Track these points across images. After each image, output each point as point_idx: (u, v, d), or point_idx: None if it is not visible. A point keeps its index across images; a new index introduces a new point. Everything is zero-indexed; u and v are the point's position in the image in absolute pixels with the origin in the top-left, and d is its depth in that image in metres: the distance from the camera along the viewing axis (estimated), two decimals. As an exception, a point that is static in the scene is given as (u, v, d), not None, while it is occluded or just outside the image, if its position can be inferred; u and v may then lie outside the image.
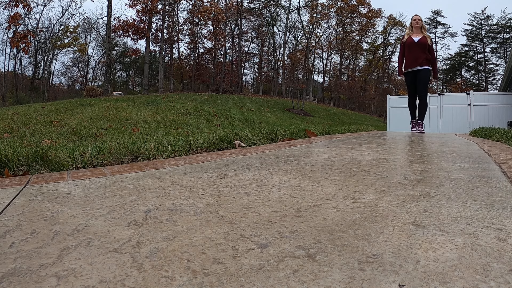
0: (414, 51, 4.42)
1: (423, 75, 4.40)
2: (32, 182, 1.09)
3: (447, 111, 9.78)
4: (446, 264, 0.47)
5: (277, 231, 0.61)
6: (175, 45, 33.49)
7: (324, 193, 0.88)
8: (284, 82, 31.87)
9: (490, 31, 34.88)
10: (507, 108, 9.43)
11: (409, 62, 4.50)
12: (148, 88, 27.04)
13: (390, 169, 1.24)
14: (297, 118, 16.29)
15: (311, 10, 33.14)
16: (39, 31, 28.14)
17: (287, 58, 34.20)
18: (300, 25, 35.18)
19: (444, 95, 10.23)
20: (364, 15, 35.37)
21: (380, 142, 2.48)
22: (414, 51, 4.42)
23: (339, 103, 35.72)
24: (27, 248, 0.56)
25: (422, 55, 4.39)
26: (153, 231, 0.63)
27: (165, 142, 2.00)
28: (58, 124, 5.93)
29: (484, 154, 1.69)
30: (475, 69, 37.55)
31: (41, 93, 27.97)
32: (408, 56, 4.48)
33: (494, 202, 0.76)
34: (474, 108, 9.62)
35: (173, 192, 0.92)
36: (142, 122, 6.92)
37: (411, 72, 4.52)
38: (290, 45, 36.78)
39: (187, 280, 0.45)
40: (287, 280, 0.44)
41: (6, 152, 1.38)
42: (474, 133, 3.69)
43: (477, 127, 4.57)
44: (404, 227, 0.62)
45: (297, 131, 3.21)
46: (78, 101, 11.30)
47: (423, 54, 4.39)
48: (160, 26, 27.55)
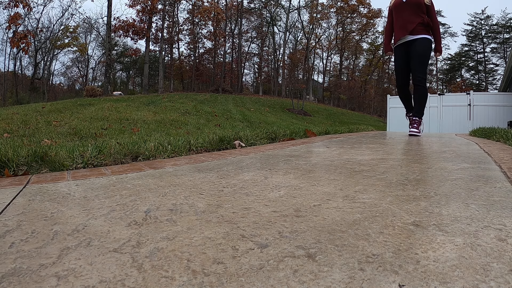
0: (403, 14, 3.04)
1: (418, 47, 3.00)
2: (32, 182, 1.09)
3: (447, 111, 9.78)
4: (446, 264, 0.47)
5: (277, 231, 0.61)
6: (175, 45, 33.50)
7: (324, 193, 0.88)
8: (284, 82, 31.86)
9: (490, 31, 34.87)
10: (507, 108, 9.42)
11: (398, 30, 3.11)
12: (148, 88, 27.04)
13: (390, 169, 1.24)
14: (297, 118, 16.28)
15: (311, 10, 33.13)
16: (39, 31, 28.13)
17: (287, 58, 34.20)
18: (300, 25, 35.18)
19: (444, 95, 10.23)
20: (364, 15, 35.36)
21: (380, 142, 2.48)
22: (403, 14, 3.04)
23: (339, 103, 35.72)
24: (27, 248, 0.56)
25: (416, 19, 2.98)
26: (153, 231, 0.63)
27: (165, 142, 2.00)
28: (58, 124, 5.93)
29: (484, 154, 1.69)
30: (475, 69, 37.53)
31: (41, 93, 27.97)
32: (396, 23, 3.13)
33: (494, 202, 0.76)
34: (474, 108, 9.62)
35: (173, 192, 0.92)
36: (142, 122, 6.92)
37: (401, 45, 3.12)
38: (290, 45, 36.78)
39: (187, 280, 0.45)
40: (287, 280, 0.44)
41: (6, 152, 1.38)
42: (474, 133, 3.69)
43: (477, 127, 4.55)
44: (404, 227, 0.62)
45: (297, 131, 3.21)
46: (78, 101, 11.30)
47: (417, 18, 2.99)
48: (160, 26, 27.54)
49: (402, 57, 3.15)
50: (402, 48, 3.14)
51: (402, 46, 3.14)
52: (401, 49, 3.15)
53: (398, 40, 3.16)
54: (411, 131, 3.16)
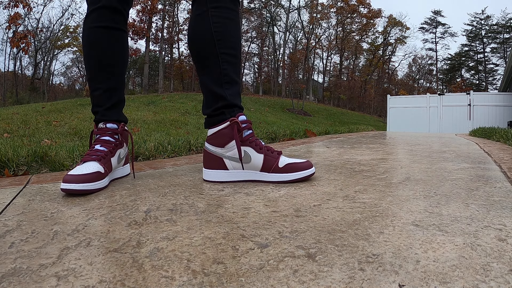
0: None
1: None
2: (32, 182, 1.09)
3: (447, 111, 9.79)
4: (446, 264, 0.47)
5: (277, 231, 0.61)
6: (175, 45, 33.50)
7: (324, 193, 0.88)
8: (284, 82, 31.87)
9: (490, 31, 34.88)
10: (507, 108, 9.43)
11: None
12: (148, 88, 27.04)
13: (390, 169, 1.24)
14: (297, 118, 16.29)
15: (311, 10, 33.14)
16: (39, 31, 28.14)
17: (287, 58, 34.20)
18: (300, 25, 35.18)
19: (444, 95, 10.24)
20: (364, 15, 35.37)
21: (380, 142, 2.48)
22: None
23: (339, 103, 35.72)
24: (27, 248, 0.56)
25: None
26: (153, 231, 0.63)
27: (165, 142, 2.01)
28: (58, 124, 5.93)
29: (484, 154, 1.69)
30: (475, 69, 37.54)
31: (41, 93, 27.97)
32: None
33: (494, 202, 0.76)
34: (474, 108, 9.62)
35: (173, 192, 0.92)
36: (142, 122, 6.92)
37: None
38: (290, 45, 36.78)
39: (187, 280, 0.45)
40: (287, 280, 0.44)
41: (6, 152, 1.38)
42: (474, 133, 3.69)
43: (477, 127, 4.54)
44: (404, 227, 0.62)
45: (297, 131, 3.21)
46: (78, 101, 11.30)
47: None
48: (160, 26, 27.55)
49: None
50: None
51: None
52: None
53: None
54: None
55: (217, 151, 1.05)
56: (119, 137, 1.12)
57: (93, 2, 1.07)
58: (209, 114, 1.08)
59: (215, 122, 1.06)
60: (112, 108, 1.12)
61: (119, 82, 1.16)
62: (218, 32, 1.04)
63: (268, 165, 1.01)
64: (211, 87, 1.06)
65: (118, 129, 1.11)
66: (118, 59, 1.14)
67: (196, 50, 1.08)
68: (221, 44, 1.04)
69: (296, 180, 1.00)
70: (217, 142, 1.05)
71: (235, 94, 1.07)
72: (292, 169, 1.00)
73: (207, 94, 1.08)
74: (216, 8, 1.04)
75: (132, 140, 1.14)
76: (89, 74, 1.13)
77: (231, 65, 1.07)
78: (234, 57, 1.07)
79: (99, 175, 0.94)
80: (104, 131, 1.09)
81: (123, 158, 1.15)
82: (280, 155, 1.04)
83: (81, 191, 0.88)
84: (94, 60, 1.11)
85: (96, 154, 1.00)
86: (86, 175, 0.90)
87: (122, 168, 1.16)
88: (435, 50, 39.80)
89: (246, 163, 1.03)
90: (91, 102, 1.15)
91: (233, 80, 1.07)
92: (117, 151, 1.09)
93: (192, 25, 1.09)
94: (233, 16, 1.08)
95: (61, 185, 0.87)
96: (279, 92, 32.03)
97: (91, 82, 1.12)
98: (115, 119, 1.12)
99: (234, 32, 1.08)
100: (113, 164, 1.06)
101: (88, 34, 1.10)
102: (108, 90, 1.12)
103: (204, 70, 1.08)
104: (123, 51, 1.16)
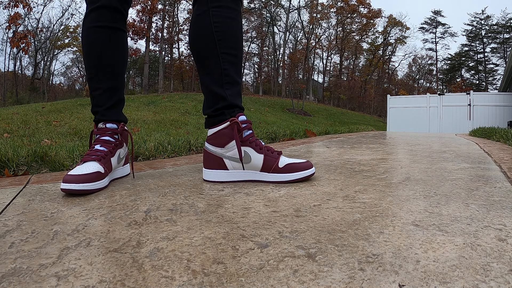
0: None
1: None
2: (32, 182, 1.09)
3: (447, 111, 9.78)
4: (446, 264, 0.47)
5: (277, 231, 0.61)
6: (175, 45, 33.50)
7: (324, 193, 0.88)
8: (284, 82, 31.87)
9: (490, 31, 34.88)
10: (507, 108, 9.43)
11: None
12: (148, 88, 27.04)
13: (390, 169, 1.24)
14: (297, 118, 16.29)
15: (311, 10, 33.14)
16: (39, 31, 28.13)
17: (287, 58, 34.20)
18: (300, 25, 35.17)
19: (444, 95, 10.23)
20: (364, 15, 35.37)
21: (380, 142, 2.48)
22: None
23: (339, 103, 35.72)
24: (27, 248, 0.56)
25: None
26: (153, 231, 0.63)
27: (165, 142, 2.01)
28: (58, 124, 5.93)
29: (484, 154, 1.69)
30: (475, 69, 37.54)
31: (41, 93, 27.97)
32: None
33: (494, 202, 0.76)
34: (474, 108, 9.62)
35: (173, 192, 0.92)
36: (142, 122, 6.93)
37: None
38: (290, 45, 36.78)
39: (187, 280, 0.45)
40: (287, 280, 0.44)
41: (6, 152, 1.38)
42: (474, 133, 3.69)
43: (477, 127, 4.54)
44: (404, 227, 0.62)
45: (297, 131, 3.21)
46: (78, 101, 11.30)
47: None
48: (160, 26, 27.56)
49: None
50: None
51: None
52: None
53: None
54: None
55: (217, 151, 1.05)
56: (119, 137, 1.12)
57: (92, 2, 1.07)
58: (210, 114, 1.08)
59: (215, 122, 1.06)
60: (112, 108, 1.12)
61: (119, 82, 1.16)
62: (219, 32, 1.04)
63: (268, 165, 1.01)
64: (212, 87, 1.06)
65: (118, 129, 1.11)
66: (118, 58, 1.14)
67: (197, 50, 1.08)
68: (222, 44, 1.04)
69: (296, 180, 1.00)
70: (217, 142, 1.05)
71: (235, 94, 1.07)
72: (292, 169, 1.00)
73: (208, 94, 1.08)
74: (217, 8, 1.04)
75: (132, 140, 1.14)
76: (89, 74, 1.13)
77: (232, 65, 1.06)
78: (235, 57, 1.07)
79: (99, 175, 0.94)
80: (104, 131, 1.09)
81: (123, 158, 1.15)
82: (280, 155, 1.04)
83: (81, 191, 0.88)
84: (94, 60, 1.11)
85: (96, 154, 1.01)
86: (86, 175, 0.90)
87: (122, 168, 1.16)
88: (435, 50, 39.82)
89: (246, 163, 1.03)
90: (91, 102, 1.15)
91: (234, 80, 1.07)
92: (117, 151, 1.09)
93: (193, 25, 1.09)
94: (235, 16, 1.07)
95: (61, 185, 0.87)
96: (279, 92, 32.03)
97: (91, 82, 1.12)
98: (115, 119, 1.12)
99: (235, 32, 1.07)
100: (113, 164, 1.06)
101: (87, 34, 1.10)
102: (108, 90, 1.12)
103: (205, 70, 1.08)
104: (122, 51, 1.16)
